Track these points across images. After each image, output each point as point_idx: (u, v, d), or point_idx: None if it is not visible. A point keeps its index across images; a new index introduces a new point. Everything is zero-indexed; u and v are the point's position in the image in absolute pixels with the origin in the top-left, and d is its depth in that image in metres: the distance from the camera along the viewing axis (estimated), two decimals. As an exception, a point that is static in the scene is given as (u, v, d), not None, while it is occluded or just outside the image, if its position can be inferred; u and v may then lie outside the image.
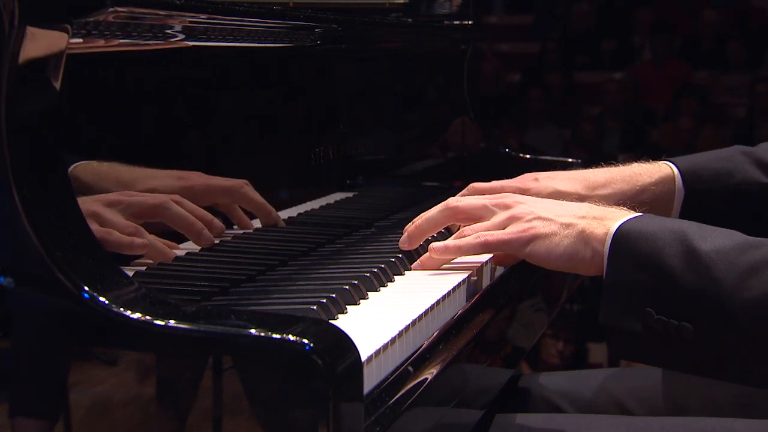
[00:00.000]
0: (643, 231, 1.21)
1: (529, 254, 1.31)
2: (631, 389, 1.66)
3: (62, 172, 1.00)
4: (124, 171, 1.28)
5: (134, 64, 1.29)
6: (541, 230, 1.30)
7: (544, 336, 4.21)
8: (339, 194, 1.82)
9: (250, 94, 1.58)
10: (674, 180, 1.58)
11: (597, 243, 1.25)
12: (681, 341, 1.15)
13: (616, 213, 1.29)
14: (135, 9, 1.13)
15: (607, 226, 1.25)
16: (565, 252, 1.28)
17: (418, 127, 2.22)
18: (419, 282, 1.34)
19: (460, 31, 2.28)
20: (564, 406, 1.68)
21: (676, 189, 1.58)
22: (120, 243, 1.19)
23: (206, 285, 1.23)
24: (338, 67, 1.83)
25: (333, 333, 0.92)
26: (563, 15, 8.76)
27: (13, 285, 0.93)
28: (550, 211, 1.32)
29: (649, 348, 1.20)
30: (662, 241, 1.18)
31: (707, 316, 1.15)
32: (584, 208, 1.32)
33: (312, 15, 1.61)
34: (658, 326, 1.17)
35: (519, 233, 1.31)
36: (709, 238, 1.18)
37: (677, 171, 1.58)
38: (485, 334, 1.32)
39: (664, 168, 1.59)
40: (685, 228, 1.20)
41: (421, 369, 1.09)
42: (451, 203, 1.42)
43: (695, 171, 1.59)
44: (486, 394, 1.39)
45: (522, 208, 1.35)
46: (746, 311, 1.12)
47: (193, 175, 1.41)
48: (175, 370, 0.91)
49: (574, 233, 1.27)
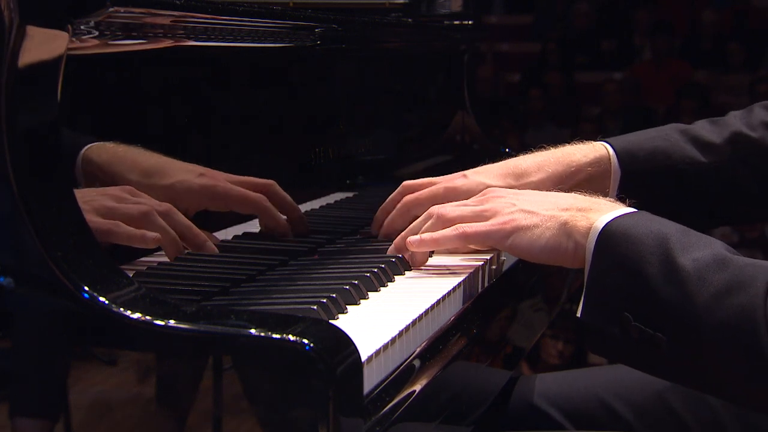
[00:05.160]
0: (627, 233, 1.18)
1: (511, 246, 1.28)
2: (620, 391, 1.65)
3: (62, 172, 1.00)
4: (143, 156, 1.25)
5: (134, 64, 1.29)
6: (523, 222, 1.28)
7: (544, 336, 4.21)
8: (339, 194, 1.82)
9: (250, 94, 1.58)
10: (610, 160, 1.54)
11: (580, 236, 1.23)
12: (655, 349, 1.14)
13: (601, 205, 1.27)
14: (135, 9, 1.13)
15: (590, 219, 1.23)
16: (548, 244, 1.26)
17: (418, 127, 2.22)
18: (420, 282, 1.34)
19: (460, 31, 2.28)
20: (553, 414, 1.67)
21: (612, 169, 1.54)
22: (130, 235, 1.17)
23: (206, 285, 1.23)
24: (338, 67, 1.83)
25: (333, 333, 0.92)
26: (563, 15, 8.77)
27: (13, 285, 0.93)
28: (533, 203, 1.30)
29: (626, 351, 1.18)
30: (644, 247, 1.16)
31: (680, 330, 1.13)
32: (568, 200, 1.29)
33: (312, 15, 1.61)
34: (634, 332, 1.15)
35: (500, 225, 1.29)
36: (690, 248, 1.15)
37: (612, 151, 1.55)
38: (485, 334, 1.32)
39: (599, 148, 1.56)
40: (669, 234, 1.17)
41: (421, 369, 1.09)
42: (442, 215, 1.36)
43: (631, 151, 1.55)
44: (486, 394, 1.39)
45: (503, 200, 1.32)
46: (718, 331, 1.10)
47: (216, 174, 1.38)
48: (175, 370, 0.91)
49: (556, 225, 1.25)
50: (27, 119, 0.96)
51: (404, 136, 2.14)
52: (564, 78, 7.97)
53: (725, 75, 7.73)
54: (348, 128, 1.83)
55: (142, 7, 1.15)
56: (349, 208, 1.80)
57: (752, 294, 1.09)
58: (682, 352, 1.13)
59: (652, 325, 1.14)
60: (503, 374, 1.53)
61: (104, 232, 1.14)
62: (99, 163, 1.20)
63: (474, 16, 2.28)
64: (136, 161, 1.23)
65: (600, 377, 1.70)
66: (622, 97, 7.45)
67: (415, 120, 2.21)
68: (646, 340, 1.14)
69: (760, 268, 1.11)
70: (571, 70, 8.11)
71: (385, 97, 2.06)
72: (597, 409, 1.64)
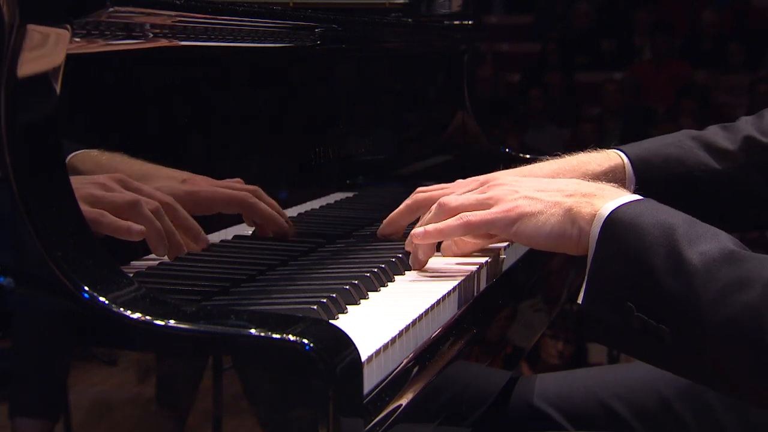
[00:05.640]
0: (633, 222, 1.17)
1: (516, 234, 1.28)
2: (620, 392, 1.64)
3: (62, 171, 1.00)
4: (126, 164, 1.24)
5: (134, 64, 1.29)
6: (527, 209, 1.27)
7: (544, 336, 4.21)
8: (339, 194, 1.82)
9: (250, 94, 1.58)
10: (624, 169, 1.54)
11: (584, 222, 1.22)
12: (658, 341, 1.14)
13: (605, 191, 1.26)
14: (135, 9, 1.13)
15: (595, 206, 1.22)
16: (552, 231, 1.25)
17: (418, 127, 2.22)
18: (420, 281, 1.34)
19: (460, 31, 2.28)
20: (553, 415, 1.66)
21: (627, 178, 1.54)
22: (115, 227, 1.14)
23: (206, 285, 1.23)
24: (338, 67, 1.83)
25: (333, 333, 0.92)
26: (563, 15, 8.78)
27: (13, 285, 0.93)
28: (536, 189, 1.29)
29: (627, 340, 1.18)
30: (650, 237, 1.15)
31: (685, 323, 1.12)
32: (572, 185, 1.29)
33: (312, 15, 1.61)
34: (636, 323, 1.15)
35: (504, 212, 1.28)
36: (696, 241, 1.14)
37: (627, 159, 1.55)
38: (485, 334, 1.32)
39: (614, 156, 1.56)
40: (676, 224, 1.16)
41: (421, 368, 1.09)
42: (444, 204, 1.35)
43: (646, 158, 1.55)
44: (486, 394, 1.39)
45: (506, 187, 1.32)
46: (723, 328, 1.09)
47: (199, 180, 1.36)
48: (175, 370, 0.91)
49: (561, 211, 1.25)
50: (27, 119, 0.96)
51: (404, 136, 2.14)
52: (564, 78, 7.97)
53: (725, 75, 7.74)
54: (348, 128, 1.83)
55: (142, 7, 1.15)
56: (349, 208, 1.80)
57: (759, 291, 1.08)
58: (685, 345, 1.13)
59: (655, 317, 1.14)
60: (503, 374, 1.53)
61: (90, 221, 1.08)
62: (83, 171, 1.19)
63: (474, 16, 2.28)
64: (119, 170, 1.22)
65: (600, 378, 1.70)
66: (622, 97, 7.46)
67: (415, 120, 2.21)
68: (648, 331, 1.14)
69: (767, 263, 1.11)
70: (571, 70, 8.12)
71: (385, 97, 2.06)
72: (597, 410, 1.64)
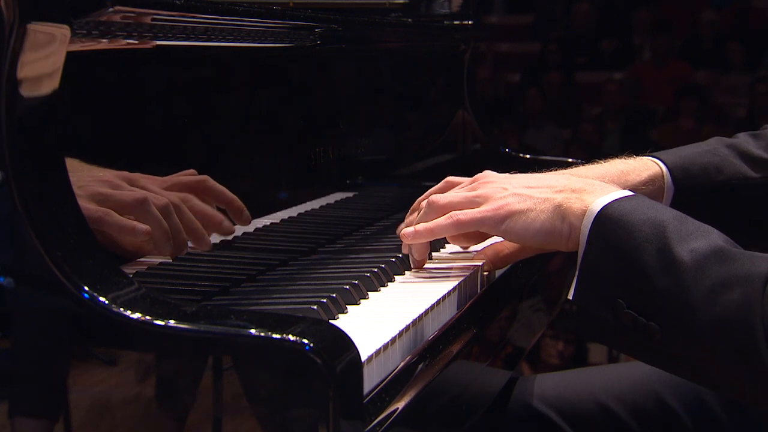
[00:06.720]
0: (624, 219, 1.17)
1: (505, 231, 1.27)
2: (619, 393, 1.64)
3: (62, 171, 1.00)
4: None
5: (134, 64, 1.29)
6: (516, 206, 1.26)
7: (544, 336, 4.21)
8: (339, 194, 1.82)
9: (250, 94, 1.58)
10: (663, 177, 1.54)
11: (574, 218, 1.22)
12: (648, 338, 1.13)
13: (595, 186, 1.25)
14: (135, 9, 1.13)
15: (585, 201, 1.22)
16: (542, 228, 1.25)
17: (418, 127, 2.22)
18: (420, 282, 1.34)
19: (460, 32, 2.28)
20: (552, 416, 1.66)
21: (666, 187, 1.54)
22: (121, 227, 1.14)
23: (206, 285, 1.23)
24: (338, 67, 1.83)
25: (333, 333, 0.92)
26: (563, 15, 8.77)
27: (13, 285, 0.93)
28: (526, 186, 1.29)
29: (618, 337, 1.18)
30: (641, 234, 1.15)
31: (675, 321, 1.12)
32: (561, 180, 1.28)
33: (312, 15, 1.61)
34: (627, 319, 1.15)
35: (493, 210, 1.28)
36: (687, 238, 1.14)
37: (665, 168, 1.54)
38: (485, 334, 1.32)
39: (651, 165, 1.55)
40: (666, 222, 1.16)
41: (421, 369, 1.09)
42: (433, 202, 1.34)
43: (683, 167, 1.55)
44: (486, 394, 1.39)
45: (495, 185, 1.31)
46: (712, 325, 1.09)
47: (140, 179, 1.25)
48: (175, 370, 0.91)
49: (550, 208, 1.24)
50: (27, 119, 0.96)
51: (404, 136, 2.14)
52: (564, 78, 7.96)
53: (725, 75, 7.73)
54: (348, 128, 1.83)
55: (142, 7, 1.15)
56: (349, 208, 1.80)
57: (749, 290, 1.08)
58: (675, 343, 1.13)
59: (645, 314, 1.14)
60: (503, 374, 1.53)
61: (95, 220, 1.10)
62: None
63: (474, 16, 2.28)
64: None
65: (598, 379, 1.70)
66: (622, 97, 7.45)
67: (415, 120, 2.21)
68: (639, 328, 1.14)
69: (758, 261, 1.11)
70: (571, 70, 8.11)
71: (385, 97, 2.05)
72: (595, 411, 1.64)
